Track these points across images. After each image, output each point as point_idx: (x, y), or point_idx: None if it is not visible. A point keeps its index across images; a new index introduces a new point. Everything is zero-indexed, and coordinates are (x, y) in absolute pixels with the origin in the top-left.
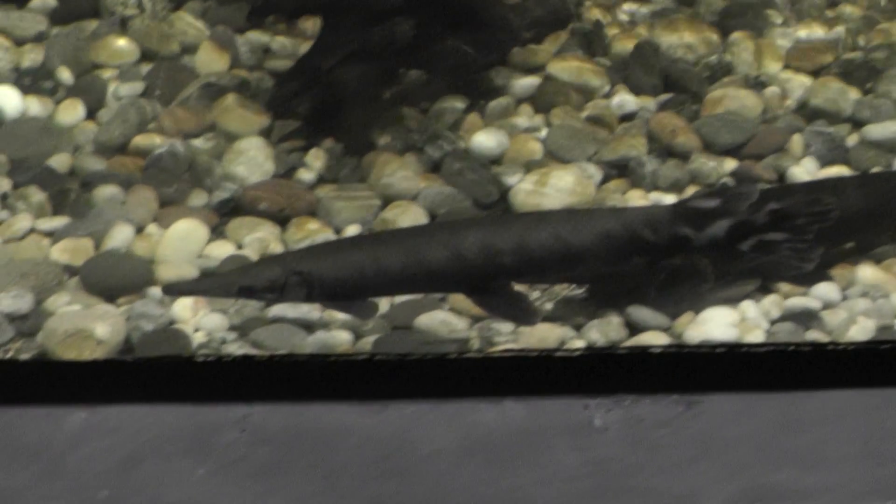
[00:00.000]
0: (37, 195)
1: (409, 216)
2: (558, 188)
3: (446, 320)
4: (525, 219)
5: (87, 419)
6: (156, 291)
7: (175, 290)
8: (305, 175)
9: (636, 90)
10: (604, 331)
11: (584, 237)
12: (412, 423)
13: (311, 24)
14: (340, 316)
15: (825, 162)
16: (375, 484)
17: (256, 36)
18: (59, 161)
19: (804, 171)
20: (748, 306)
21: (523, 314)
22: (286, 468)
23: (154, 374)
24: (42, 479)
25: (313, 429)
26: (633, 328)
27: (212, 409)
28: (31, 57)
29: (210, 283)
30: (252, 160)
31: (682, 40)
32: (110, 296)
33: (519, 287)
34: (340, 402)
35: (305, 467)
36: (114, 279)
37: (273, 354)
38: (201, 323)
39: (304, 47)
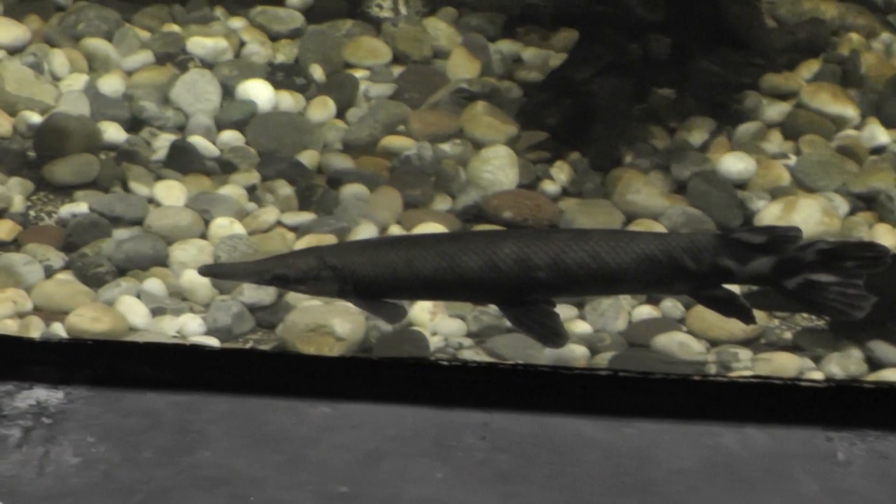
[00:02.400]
0: (284, 189)
1: None
2: (804, 217)
3: (684, 342)
4: (564, 235)
5: (329, 414)
6: None
7: (211, 271)
8: (550, 187)
9: (888, 123)
10: (843, 364)
11: (622, 259)
12: (653, 441)
13: (563, 38)
14: (578, 330)
15: None
16: (615, 499)
17: (508, 45)
18: (308, 157)
19: None
20: None
21: (552, 335)
22: (525, 477)
23: (396, 374)
24: (283, 470)
25: (553, 440)
26: (874, 364)
27: (452, 413)
28: (285, 53)
29: (245, 268)
30: (498, 168)
31: None
32: None
33: (758, 313)
34: (581, 416)
35: (545, 477)
36: None
37: (516, 364)
38: (439, 327)
39: (555, 59)
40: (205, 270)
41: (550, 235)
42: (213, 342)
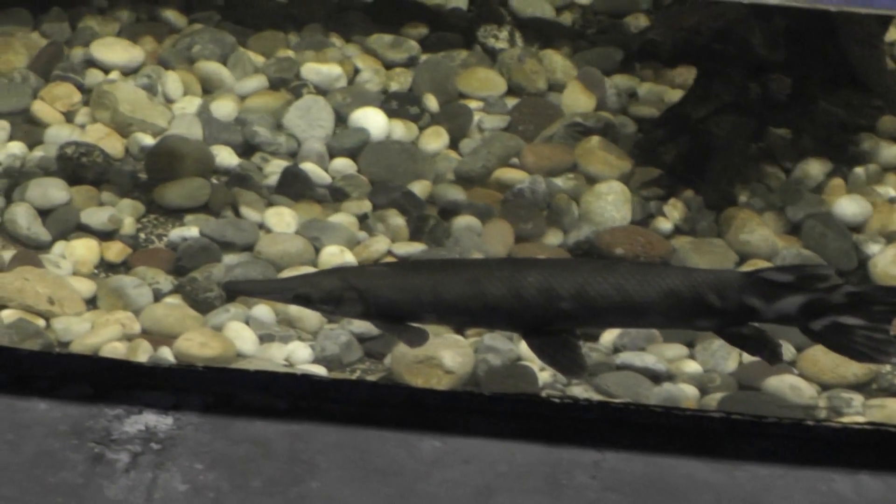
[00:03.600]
0: (395, 219)
1: None
2: None
3: (796, 385)
4: (590, 266)
5: (440, 448)
6: None
7: (236, 287)
8: (663, 224)
9: None
10: None
11: (647, 293)
12: (766, 485)
13: (679, 74)
14: (688, 369)
15: None
16: None
17: (623, 80)
18: (420, 187)
19: None
20: None
21: (573, 366)
22: None
23: (508, 409)
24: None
25: (665, 481)
26: None
27: (563, 450)
28: (400, 81)
29: (268, 286)
30: (611, 204)
31: None
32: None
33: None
34: (692, 457)
35: None
36: None
37: (628, 403)
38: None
39: (670, 95)
40: (230, 285)
41: (576, 266)
42: (321, 371)
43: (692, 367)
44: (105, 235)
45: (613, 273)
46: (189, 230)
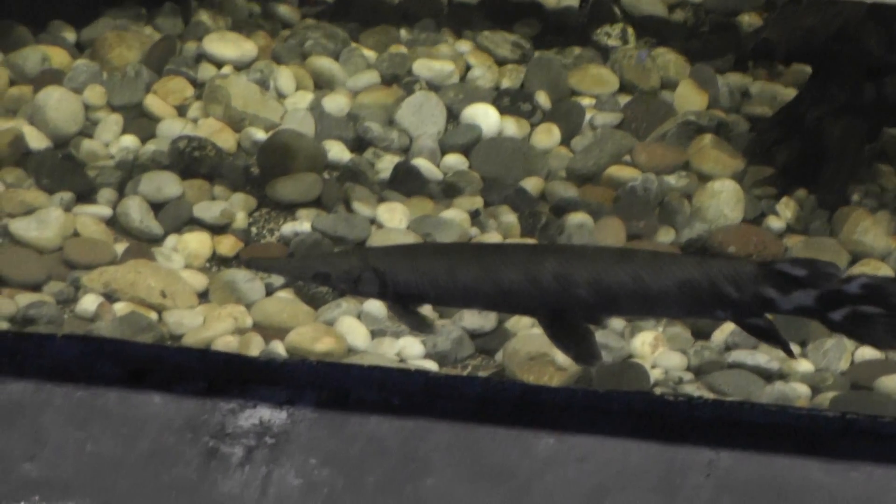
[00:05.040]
0: (507, 216)
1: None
2: None
3: None
4: (607, 254)
5: (554, 446)
6: (617, 323)
7: (254, 263)
8: (775, 223)
9: None
10: None
11: (664, 282)
12: (882, 487)
13: (792, 73)
14: (800, 368)
15: None
16: None
17: (736, 78)
18: (532, 184)
19: None
20: None
21: (586, 354)
22: None
23: (622, 408)
24: (507, 503)
25: (779, 482)
26: None
27: (678, 449)
28: (511, 78)
29: (288, 265)
30: (723, 203)
31: None
32: None
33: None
34: (807, 457)
35: None
36: None
37: (742, 401)
38: (659, 360)
39: (783, 94)
40: (248, 261)
41: (594, 253)
42: (433, 366)
43: (804, 365)
44: (217, 229)
45: (631, 261)
46: (301, 225)
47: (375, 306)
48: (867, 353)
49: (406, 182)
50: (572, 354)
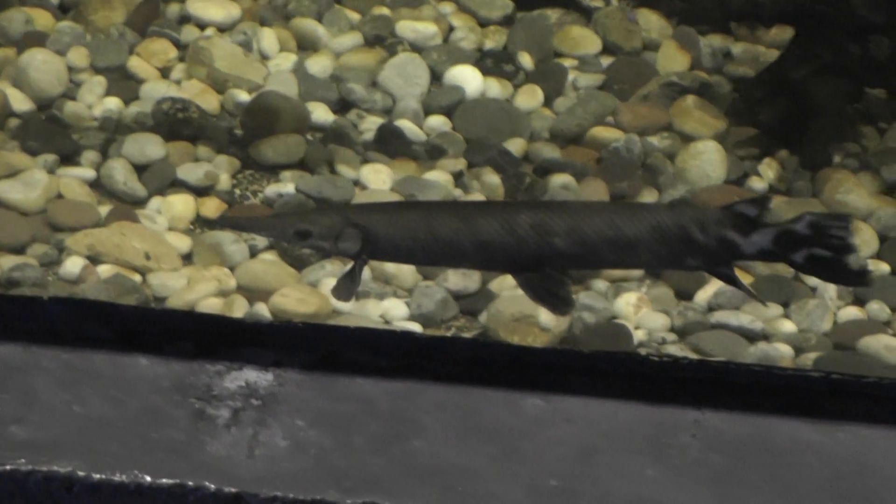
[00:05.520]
0: (491, 177)
1: (862, 235)
2: None
3: (891, 345)
4: (581, 204)
5: (542, 407)
6: (600, 284)
7: (230, 222)
8: (757, 183)
9: None
10: None
11: (637, 228)
12: (868, 446)
13: (774, 34)
14: (784, 329)
15: None
16: None
17: (718, 40)
18: (515, 145)
19: None
20: None
21: (559, 302)
22: (740, 478)
23: (608, 368)
24: (497, 462)
25: (766, 441)
26: None
27: (664, 409)
28: (494, 39)
29: (266, 223)
30: (706, 163)
31: None
32: None
33: None
34: (793, 417)
35: (760, 480)
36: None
37: (728, 362)
38: (642, 321)
39: (765, 55)
40: (223, 221)
41: (568, 204)
42: (417, 328)
43: (787, 326)
44: (201, 191)
45: (605, 209)
46: (285, 186)
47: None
48: (850, 312)
49: (390, 143)
50: (545, 303)
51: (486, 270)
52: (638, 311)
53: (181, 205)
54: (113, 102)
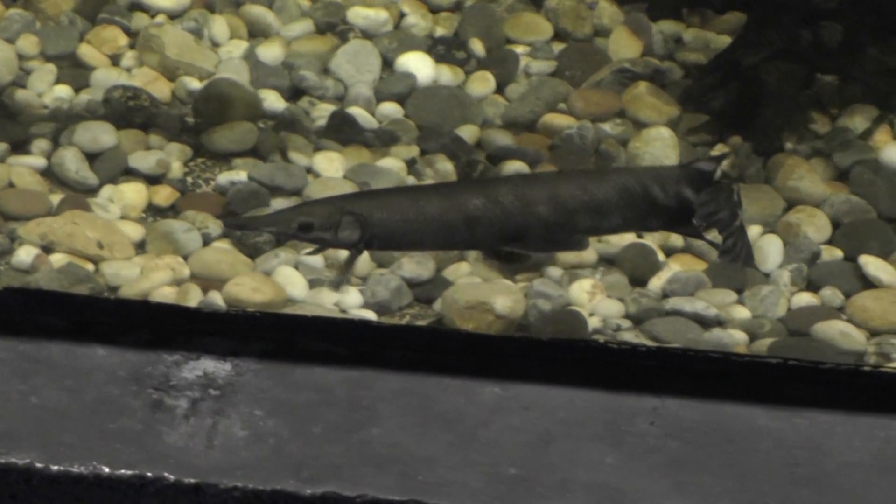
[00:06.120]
0: (444, 164)
1: (814, 222)
2: None
3: (846, 331)
4: (552, 173)
5: (500, 394)
6: (555, 271)
7: (235, 223)
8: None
9: None
10: None
11: (607, 190)
12: (825, 432)
13: (725, 20)
14: (738, 315)
15: None
16: (788, 490)
17: (669, 26)
18: (468, 132)
19: None
20: None
21: (572, 242)
22: (698, 464)
23: (566, 356)
24: (454, 450)
25: (725, 427)
26: None
27: (622, 397)
28: (446, 26)
29: (269, 220)
30: (659, 150)
31: None
32: (509, 271)
33: None
34: (751, 403)
35: (718, 466)
36: (515, 255)
37: (686, 349)
38: (597, 308)
39: (716, 42)
40: (231, 223)
41: (542, 174)
42: (371, 316)
43: (741, 312)
44: (153, 179)
45: (576, 176)
46: (237, 174)
47: (314, 256)
48: (804, 298)
49: (342, 131)
50: (567, 249)
51: (472, 249)
52: (592, 298)
53: (133, 193)
54: (63, 90)
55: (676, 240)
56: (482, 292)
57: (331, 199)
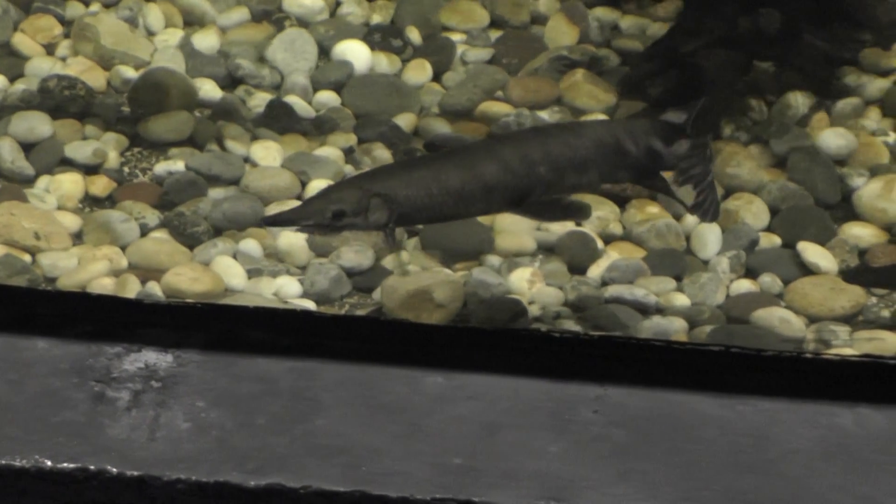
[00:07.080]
0: (381, 152)
1: (752, 208)
2: None
3: (785, 318)
4: (534, 131)
5: (444, 384)
6: (494, 260)
7: (275, 220)
8: None
9: None
10: None
11: (586, 145)
12: (768, 419)
13: (661, 7)
14: (677, 302)
15: None
16: (731, 477)
17: (605, 13)
18: (405, 120)
19: None
20: None
21: (573, 212)
22: (642, 453)
23: (510, 345)
24: (399, 440)
25: (669, 415)
26: None
27: (566, 385)
28: (382, 14)
29: (305, 211)
30: None
31: None
32: (448, 260)
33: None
34: (695, 391)
35: (662, 453)
36: (453, 243)
37: (629, 337)
38: (537, 296)
39: (653, 29)
40: (270, 221)
41: (527, 133)
42: (311, 305)
43: (681, 299)
44: (90, 169)
45: (558, 131)
46: (174, 164)
47: (251, 245)
48: (743, 285)
49: (279, 119)
50: (568, 218)
51: (489, 213)
52: (532, 286)
53: (70, 183)
54: None
55: (615, 227)
56: (422, 281)
57: (352, 182)
